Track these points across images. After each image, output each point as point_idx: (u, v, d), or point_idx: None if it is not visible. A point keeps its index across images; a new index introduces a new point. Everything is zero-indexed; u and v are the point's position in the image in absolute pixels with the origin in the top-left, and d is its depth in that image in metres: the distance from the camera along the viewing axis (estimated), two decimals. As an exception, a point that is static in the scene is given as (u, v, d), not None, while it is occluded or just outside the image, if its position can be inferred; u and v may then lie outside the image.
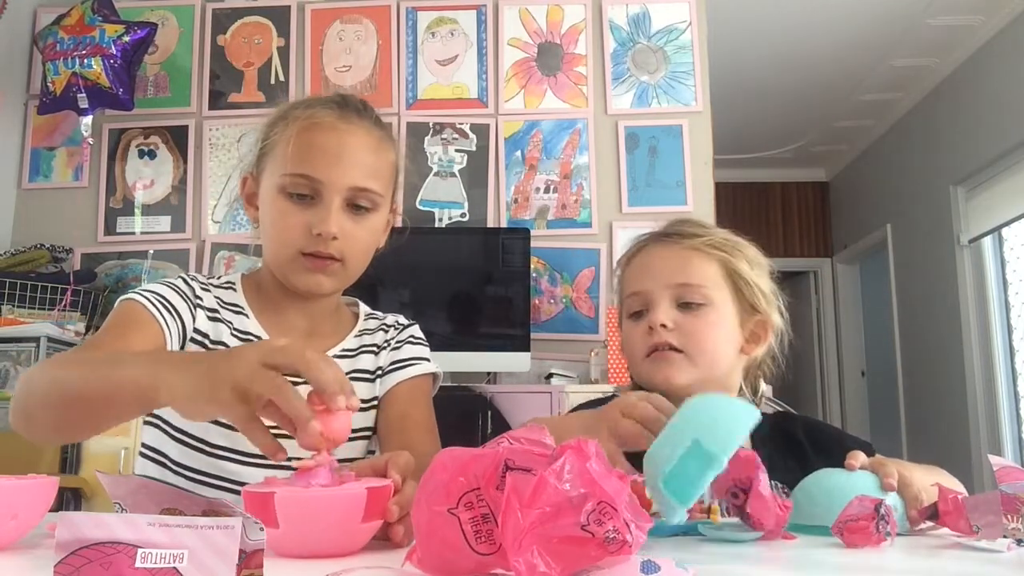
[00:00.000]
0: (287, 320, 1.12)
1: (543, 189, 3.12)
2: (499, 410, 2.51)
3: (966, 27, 3.93)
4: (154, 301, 1.02)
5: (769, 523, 0.72)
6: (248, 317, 1.11)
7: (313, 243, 1.03)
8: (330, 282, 1.07)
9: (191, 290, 1.09)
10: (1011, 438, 3.94)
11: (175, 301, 1.05)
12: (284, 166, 1.04)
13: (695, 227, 1.12)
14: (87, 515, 0.41)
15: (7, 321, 2.68)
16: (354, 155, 1.06)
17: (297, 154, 1.04)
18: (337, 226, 1.03)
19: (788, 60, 4.29)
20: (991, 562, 0.64)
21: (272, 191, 1.06)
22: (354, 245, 1.06)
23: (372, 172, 1.07)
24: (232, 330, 1.09)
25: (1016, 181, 3.82)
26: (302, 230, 1.03)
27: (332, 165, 1.04)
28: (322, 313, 1.14)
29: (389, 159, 1.12)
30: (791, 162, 5.81)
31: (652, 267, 1.09)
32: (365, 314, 1.21)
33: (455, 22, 3.26)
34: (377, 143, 1.09)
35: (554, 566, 0.46)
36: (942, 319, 4.41)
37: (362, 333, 1.17)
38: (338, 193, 1.03)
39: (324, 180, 1.03)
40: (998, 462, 0.72)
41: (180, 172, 3.20)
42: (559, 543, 0.47)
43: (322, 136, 1.05)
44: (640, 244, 1.14)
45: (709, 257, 1.08)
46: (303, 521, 0.62)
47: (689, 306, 1.05)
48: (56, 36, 2.92)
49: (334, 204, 1.03)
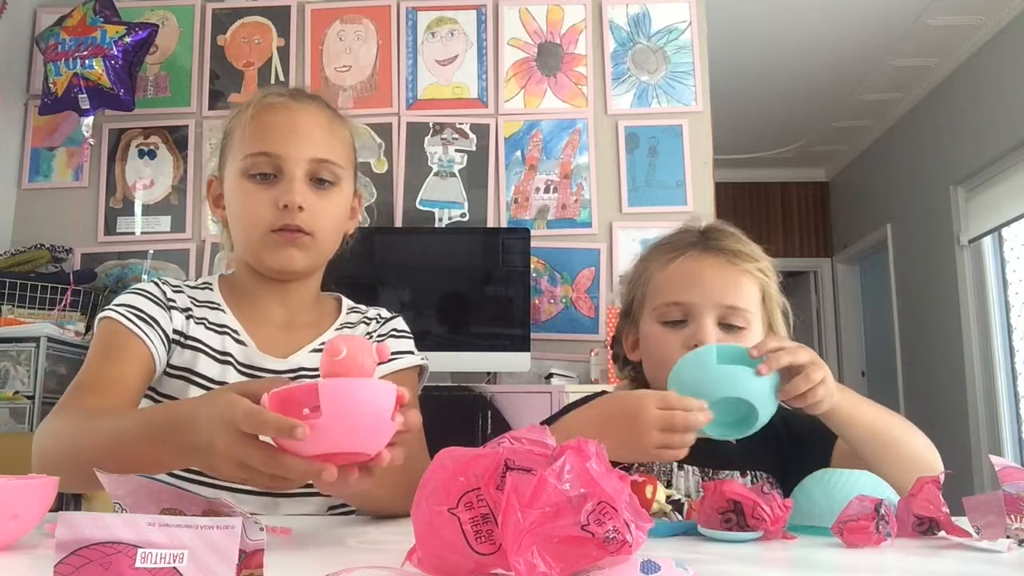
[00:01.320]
0: (263, 311, 1.13)
1: (543, 189, 3.12)
2: (499, 410, 2.51)
3: (966, 27, 3.93)
4: (130, 316, 1.03)
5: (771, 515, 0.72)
6: (224, 312, 1.12)
7: (280, 217, 1.04)
8: (302, 256, 1.07)
9: (162, 293, 1.09)
10: (1011, 438, 3.94)
11: (150, 310, 1.06)
12: (243, 148, 1.07)
13: (739, 242, 1.10)
14: (87, 515, 0.41)
15: (7, 321, 2.68)
16: (309, 129, 1.08)
17: (254, 135, 1.07)
18: (302, 197, 1.04)
19: (788, 60, 4.29)
20: (991, 562, 0.64)
21: (235, 178, 1.08)
22: (321, 219, 1.07)
23: (328, 145, 1.09)
24: (208, 324, 1.10)
25: (1016, 181, 3.82)
26: (268, 207, 1.05)
27: (289, 140, 1.06)
28: (300, 303, 1.14)
29: (344, 136, 1.13)
30: (791, 162, 5.81)
31: (701, 280, 1.05)
32: (348, 308, 1.21)
33: (455, 22, 3.25)
34: (329, 120, 1.11)
35: (554, 566, 0.46)
36: (942, 319, 4.41)
37: (343, 327, 1.17)
38: (299, 166, 1.05)
39: (283, 154, 1.05)
40: (999, 462, 0.72)
41: (180, 172, 3.20)
42: (559, 543, 0.47)
43: (275, 115, 1.08)
44: (681, 249, 1.09)
45: (754, 281, 1.07)
46: (345, 409, 0.66)
47: (731, 328, 1.04)
48: (58, 37, 2.92)
49: (296, 176, 1.05)
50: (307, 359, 1.10)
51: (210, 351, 1.07)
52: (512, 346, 2.74)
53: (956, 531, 0.73)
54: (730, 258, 1.07)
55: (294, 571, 0.58)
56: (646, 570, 0.47)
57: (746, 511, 0.73)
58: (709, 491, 0.75)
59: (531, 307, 2.87)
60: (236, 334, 1.10)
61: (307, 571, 0.59)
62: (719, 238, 1.09)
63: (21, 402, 2.54)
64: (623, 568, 0.47)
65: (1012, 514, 0.68)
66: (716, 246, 1.08)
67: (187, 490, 0.63)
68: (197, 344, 1.07)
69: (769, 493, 0.74)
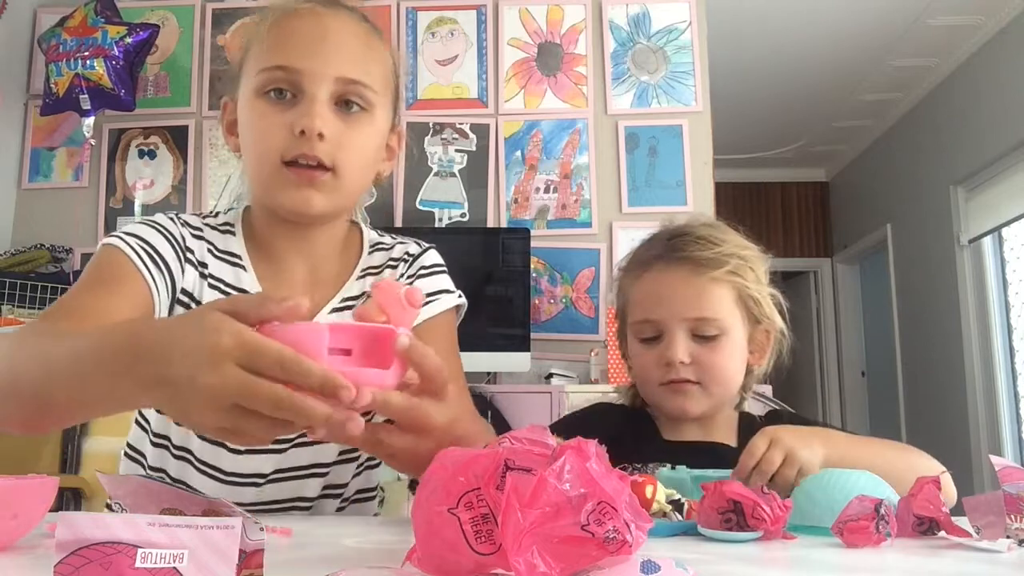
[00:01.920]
0: (286, 268, 0.97)
1: (543, 189, 3.12)
2: (499, 410, 2.51)
3: (966, 27, 3.93)
4: (138, 250, 0.88)
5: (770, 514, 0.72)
6: (246, 270, 0.96)
7: (296, 145, 0.86)
8: (321, 199, 0.89)
9: (181, 236, 0.94)
10: (1011, 438, 3.94)
11: (163, 249, 0.90)
12: (259, 63, 0.89)
13: (705, 246, 1.04)
14: (87, 515, 0.41)
15: (7, 321, 2.68)
16: (340, 41, 0.89)
17: (273, 45, 0.88)
18: (323, 122, 0.86)
19: (788, 60, 4.29)
20: (991, 562, 0.64)
21: (248, 98, 0.90)
22: (348, 152, 0.89)
23: (362, 63, 0.90)
24: (223, 287, 0.94)
25: (1016, 181, 3.82)
26: (283, 132, 0.87)
27: (314, 53, 0.88)
28: (325, 255, 0.99)
29: (383, 58, 0.95)
30: (791, 162, 5.81)
31: (666, 297, 1.04)
32: (370, 245, 1.05)
33: (455, 22, 3.26)
34: (367, 35, 0.93)
35: (554, 566, 0.46)
36: (942, 319, 4.41)
37: (365, 273, 1.02)
38: (323, 84, 0.87)
39: (304, 69, 0.87)
40: (999, 462, 0.72)
41: (180, 172, 3.20)
42: (559, 543, 0.47)
43: (300, 22, 0.89)
44: (648, 262, 1.07)
45: (725, 285, 1.04)
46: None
47: (704, 338, 1.03)
48: (59, 38, 2.92)
49: (319, 98, 0.87)
50: (328, 320, 0.96)
51: None
52: (512, 346, 2.74)
53: (956, 531, 0.73)
54: (695, 268, 1.03)
55: (294, 571, 0.58)
56: (646, 570, 0.47)
57: (746, 511, 0.73)
58: (709, 491, 0.75)
59: (531, 307, 2.87)
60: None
61: (307, 571, 0.59)
62: (684, 247, 1.05)
63: (21, 402, 2.53)
64: (623, 568, 0.47)
65: (1012, 514, 0.68)
66: (680, 257, 1.04)
67: (186, 490, 0.63)
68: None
69: (769, 493, 0.74)
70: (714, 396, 1.05)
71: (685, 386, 1.03)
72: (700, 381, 1.03)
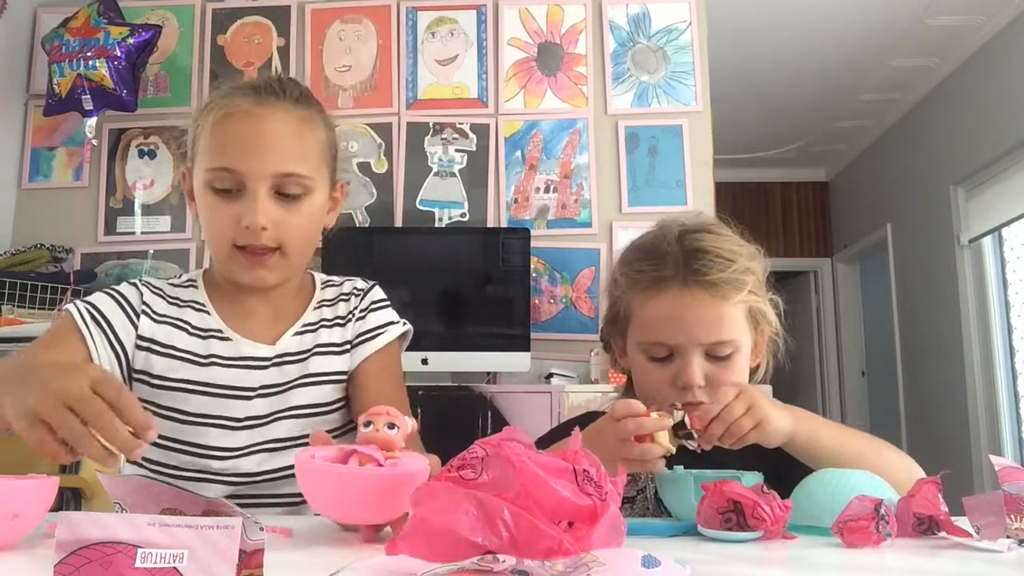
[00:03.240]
0: (249, 310, 1.10)
1: (543, 189, 3.12)
2: (499, 410, 2.51)
3: (966, 27, 3.93)
4: (85, 313, 1.03)
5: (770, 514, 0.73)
6: (209, 314, 1.10)
7: (244, 236, 1.00)
8: (272, 275, 1.05)
9: (138, 295, 1.08)
10: (1011, 438, 3.94)
11: (109, 311, 1.04)
12: (206, 160, 1.02)
13: (723, 266, 1.02)
14: (87, 515, 0.41)
15: (7, 321, 2.68)
16: (274, 140, 1.01)
17: (216, 147, 1.01)
18: (264, 216, 0.99)
19: (788, 60, 4.29)
20: (991, 562, 0.64)
21: (200, 187, 1.04)
22: (290, 233, 1.03)
23: (297, 155, 1.02)
24: (191, 329, 1.08)
25: (1016, 181, 3.82)
26: (231, 223, 1.00)
27: (251, 155, 1.00)
28: (284, 297, 1.12)
29: (317, 138, 1.07)
30: (791, 162, 5.81)
31: (685, 322, 1.01)
32: (321, 283, 1.18)
33: (455, 22, 3.25)
34: (298, 124, 1.04)
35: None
36: (942, 319, 4.41)
37: (320, 305, 1.15)
38: (262, 183, 1.00)
39: (244, 171, 1.00)
40: (999, 462, 0.72)
41: (180, 172, 3.19)
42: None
43: (237, 125, 1.01)
44: (661, 282, 1.03)
45: (740, 305, 1.03)
46: None
47: (717, 358, 1.03)
48: (62, 38, 2.92)
49: (259, 194, 1.00)
50: (291, 343, 1.09)
51: (195, 358, 1.06)
52: (512, 346, 2.74)
53: (956, 531, 0.73)
54: (712, 292, 1.01)
55: (294, 571, 0.58)
56: (647, 564, 0.48)
57: (746, 511, 0.73)
58: (709, 491, 0.75)
59: (531, 307, 2.87)
60: (220, 333, 1.09)
61: (307, 571, 0.59)
62: (702, 268, 1.02)
63: (21, 402, 2.53)
64: (624, 561, 0.48)
65: (1012, 514, 0.68)
66: (697, 280, 1.01)
67: (186, 490, 0.63)
68: (178, 352, 1.06)
69: (769, 493, 0.74)
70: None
71: (700, 406, 1.03)
72: (711, 399, 1.03)
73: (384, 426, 0.73)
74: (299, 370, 1.08)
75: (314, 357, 1.09)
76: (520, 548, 0.48)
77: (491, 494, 0.50)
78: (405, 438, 0.74)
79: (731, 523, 0.73)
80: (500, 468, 0.51)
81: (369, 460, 0.70)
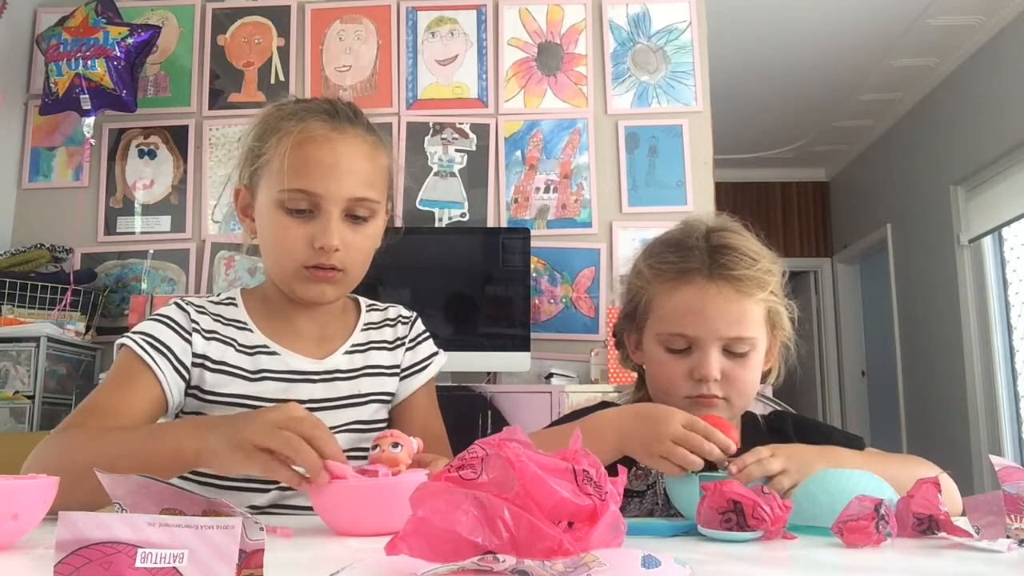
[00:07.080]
0: (296, 328, 1.14)
1: (543, 189, 3.12)
2: (499, 410, 2.51)
3: (966, 27, 3.93)
4: (144, 344, 1.05)
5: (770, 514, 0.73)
6: (252, 332, 1.12)
7: (315, 256, 1.04)
8: (334, 291, 1.09)
9: (186, 316, 1.09)
10: (1011, 438, 3.94)
11: (166, 337, 1.06)
12: (281, 181, 1.04)
13: (748, 264, 1.04)
14: (87, 515, 0.41)
15: (7, 321, 2.68)
16: (350, 165, 1.06)
17: (293, 169, 1.04)
18: (338, 238, 1.04)
19: (788, 60, 4.29)
20: (991, 562, 0.64)
21: (270, 206, 1.07)
22: (355, 254, 1.08)
23: (368, 180, 1.07)
24: (238, 347, 1.10)
25: (1016, 181, 3.82)
26: (304, 243, 1.04)
27: (329, 178, 1.04)
28: (330, 316, 1.17)
29: (383, 164, 1.12)
30: (791, 162, 5.81)
31: (708, 314, 1.02)
32: (366, 306, 1.22)
33: (455, 22, 3.25)
34: (371, 150, 1.09)
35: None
36: (942, 319, 4.41)
37: (368, 327, 1.19)
38: (337, 205, 1.04)
39: (322, 193, 1.04)
40: (999, 462, 0.72)
41: (180, 172, 3.20)
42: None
43: (317, 149, 1.05)
44: (687, 273, 1.05)
45: (760, 304, 1.05)
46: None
47: (734, 354, 1.04)
48: (59, 37, 2.92)
49: (334, 216, 1.04)
50: (341, 360, 1.14)
51: (245, 373, 1.09)
52: (512, 346, 2.74)
53: (956, 531, 0.73)
54: (737, 287, 1.03)
55: (294, 571, 0.58)
56: (647, 564, 0.48)
57: (746, 511, 0.73)
58: (709, 491, 0.75)
59: (531, 307, 2.87)
60: (267, 348, 1.11)
61: (307, 571, 0.59)
62: (728, 263, 1.04)
63: (21, 402, 2.54)
64: (625, 562, 0.48)
65: (1012, 514, 0.68)
66: (724, 275, 1.03)
67: (187, 490, 0.63)
68: (229, 368, 1.08)
69: (769, 493, 0.74)
70: (735, 408, 1.06)
71: (713, 400, 1.03)
72: (727, 396, 1.04)
73: (389, 446, 0.83)
74: (351, 388, 1.13)
75: (365, 377, 1.15)
76: (520, 548, 0.48)
77: (491, 494, 0.50)
78: (411, 455, 0.84)
79: (731, 523, 0.73)
80: (500, 468, 0.51)
81: (374, 477, 0.79)
